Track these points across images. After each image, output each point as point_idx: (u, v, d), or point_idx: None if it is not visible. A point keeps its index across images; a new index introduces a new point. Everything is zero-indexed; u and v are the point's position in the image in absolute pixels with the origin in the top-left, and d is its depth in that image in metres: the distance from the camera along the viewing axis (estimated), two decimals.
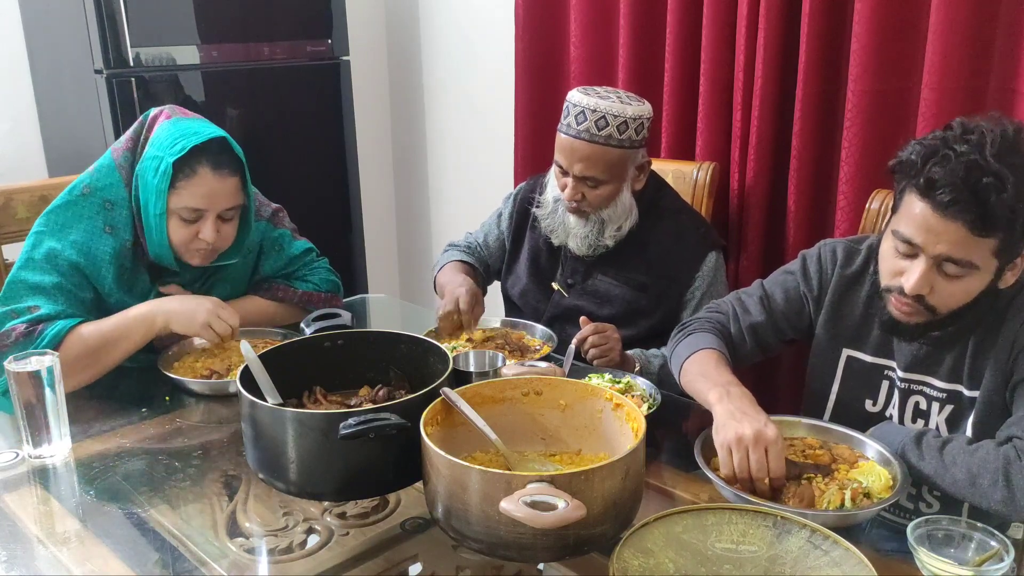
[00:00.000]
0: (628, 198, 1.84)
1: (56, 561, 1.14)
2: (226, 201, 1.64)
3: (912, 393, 1.42)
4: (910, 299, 1.29)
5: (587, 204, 1.83)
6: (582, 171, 1.79)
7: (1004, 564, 1.03)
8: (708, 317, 1.60)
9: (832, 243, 1.55)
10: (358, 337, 1.38)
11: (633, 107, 1.77)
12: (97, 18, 2.40)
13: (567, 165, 1.80)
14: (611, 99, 1.78)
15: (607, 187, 1.81)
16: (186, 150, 1.57)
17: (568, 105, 1.80)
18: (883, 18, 1.88)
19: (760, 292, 1.58)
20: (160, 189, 1.59)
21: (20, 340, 1.53)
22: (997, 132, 1.21)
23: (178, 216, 1.62)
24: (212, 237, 1.63)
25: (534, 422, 1.25)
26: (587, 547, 1.03)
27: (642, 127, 1.79)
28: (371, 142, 3.44)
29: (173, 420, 1.53)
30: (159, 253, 1.66)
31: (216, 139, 1.61)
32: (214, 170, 1.60)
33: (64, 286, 1.60)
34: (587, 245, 1.87)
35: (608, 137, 1.76)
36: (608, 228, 1.85)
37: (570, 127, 1.78)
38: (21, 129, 2.81)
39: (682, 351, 1.52)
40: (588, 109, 1.76)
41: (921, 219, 1.24)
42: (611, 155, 1.77)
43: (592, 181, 1.80)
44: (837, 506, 1.18)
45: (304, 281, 1.89)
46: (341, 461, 1.12)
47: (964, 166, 1.19)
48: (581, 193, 1.81)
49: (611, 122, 1.75)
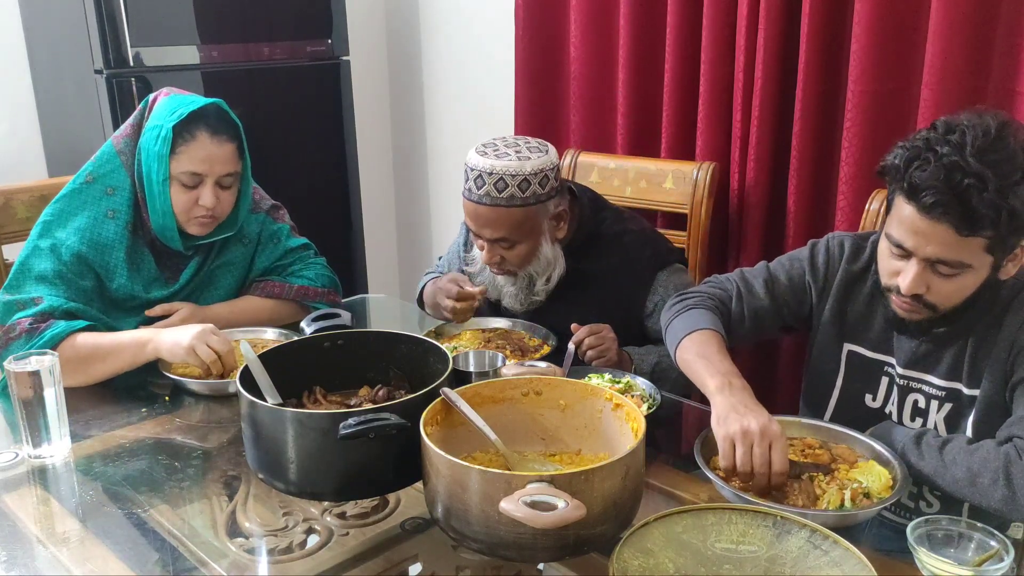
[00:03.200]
0: (550, 250, 1.76)
1: (56, 561, 1.14)
2: (224, 166, 1.70)
3: (911, 391, 1.43)
4: (908, 298, 1.30)
5: (508, 265, 1.77)
6: (492, 235, 1.71)
7: (1004, 564, 1.03)
8: (710, 292, 1.56)
9: (840, 236, 1.55)
10: (358, 337, 1.38)
11: (533, 161, 1.67)
12: (97, 18, 2.40)
13: (476, 230, 1.74)
14: (509, 156, 1.68)
15: (522, 246, 1.73)
16: (185, 115, 1.65)
17: (467, 168, 1.71)
18: (883, 18, 1.88)
19: (765, 274, 1.56)
20: (162, 154, 1.66)
21: (23, 336, 1.58)
22: (978, 130, 1.21)
23: (179, 182, 1.68)
24: (211, 202, 1.69)
25: (534, 422, 1.25)
26: (587, 547, 1.03)
27: (546, 179, 1.68)
28: (371, 142, 3.43)
29: (173, 420, 1.53)
30: (162, 224, 1.71)
31: (213, 106, 1.69)
32: (212, 135, 1.67)
33: (65, 274, 1.66)
34: (518, 302, 1.83)
35: (511, 198, 1.66)
36: (537, 282, 1.79)
37: (471, 192, 1.70)
38: (21, 129, 2.82)
39: (680, 325, 1.50)
40: (485, 172, 1.67)
41: (909, 222, 1.25)
42: (516, 215, 1.68)
43: (505, 243, 1.72)
44: (837, 506, 1.18)
45: (299, 276, 1.90)
46: (341, 461, 1.12)
47: (945, 168, 1.20)
48: (499, 256, 1.75)
49: (510, 183, 1.65)
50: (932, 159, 1.21)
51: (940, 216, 1.21)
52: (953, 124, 1.24)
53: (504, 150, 1.70)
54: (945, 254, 1.24)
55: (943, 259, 1.25)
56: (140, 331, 1.65)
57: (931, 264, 1.26)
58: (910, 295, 1.29)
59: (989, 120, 1.23)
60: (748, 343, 1.61)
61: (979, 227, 1.20)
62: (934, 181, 1.20)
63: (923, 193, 1.21)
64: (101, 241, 1.69)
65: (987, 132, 1.21)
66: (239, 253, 1.85)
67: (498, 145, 1.73)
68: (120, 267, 1.70)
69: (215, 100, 1.71)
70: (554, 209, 1.74)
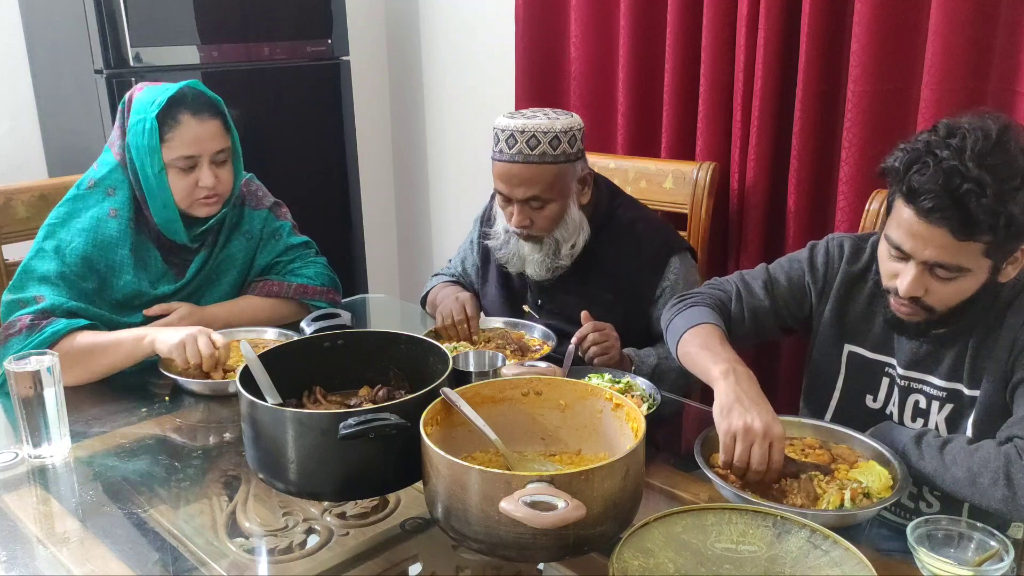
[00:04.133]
0: (576, 213, 1.80)
1: (56, 561, 1.14)
2: (213, 143, 1.72)
3: (912, 391, 1.43)
4: (907, 300, 1.30)
5: (536, 228, 1.79)
6: (524, 194, 1.74)
7: (1004, 564, 1.03)
8: (709, 293, 1.58)
9: (839, 237, 1.55)
10: (358, 337, 1.38)
11: (562, 121, 1.74)
12: (97, 18, 2.40)
13: (508, 191, 1.76)
14: (538, 117, 1.75)
15: (552, 206, 1.76)
16: (163, 104, 1.67)
17: (496, 132, 1.76)
18: (883, 18, 1.88)
19: (765, 276, 1.57)
20: (152, 146, 1.67)
21: (23, 331, 1.60)
22: (979, 134, 1.21)
23: (175, 168, 1.70)
24: (211, 181, 1.71)
25: (534, 422, 1.25)
26: (587, 547, 1.03)
27: (575, 139, 1.75)
28: (371, 142, 3.44)
29: (173, 420, 1.53)
30: (165, 217, 1.72)
31: (189, 88, 1.71)
32: (195, 115, 1.69)
33: (68, 275, 1.67)
34: (544, 268, 1.84)
35: (542, 155, 1.72)
36: (563, 247, 1.81)
37: (503, 153, 1.74)
38: (21, 129, 2.81)
39: (680, 323, 1.50)
40: (516, 131, 1.72)
41: (907, 225, 1.25)
42: (549, 172, 1.73)
43: (537, 202, 1.75)
44: (837, 506, 1.18)
45: (298, 275, 1.90)
46: (341, 461, 1.12)
47: (944, 173, 1.20)
48: (529, 218, 1.77)
49: (542, 139, 1.71)
50: (931, 163, 1.21)
51: (938, 220, 1.21)
52: (954, 127, 1.24)
53: (532, 114, 1.78)
54: (943, 258, 1.24)
55: (941, 263, 1.25)
56: (136, 328, 1.66)
57: (929, 267, 1.27)
58: (908, 297, 1.30)
59: (990, 124, 1.22)
60: (748, 344, 1.61)
61: (976, 232, 1.20)
62: (932, 185, 1.20)
63: (922, 197, 1.21)
64: (105, 239, 1.70)
65: (988, 136, 1.20)
66: (242, 247, 1.86)
67: (525, 112, 1.80)
68: (126, 264, 1.71)
69: (189, 82, 1.72)
70: (581, 171, 1.80)
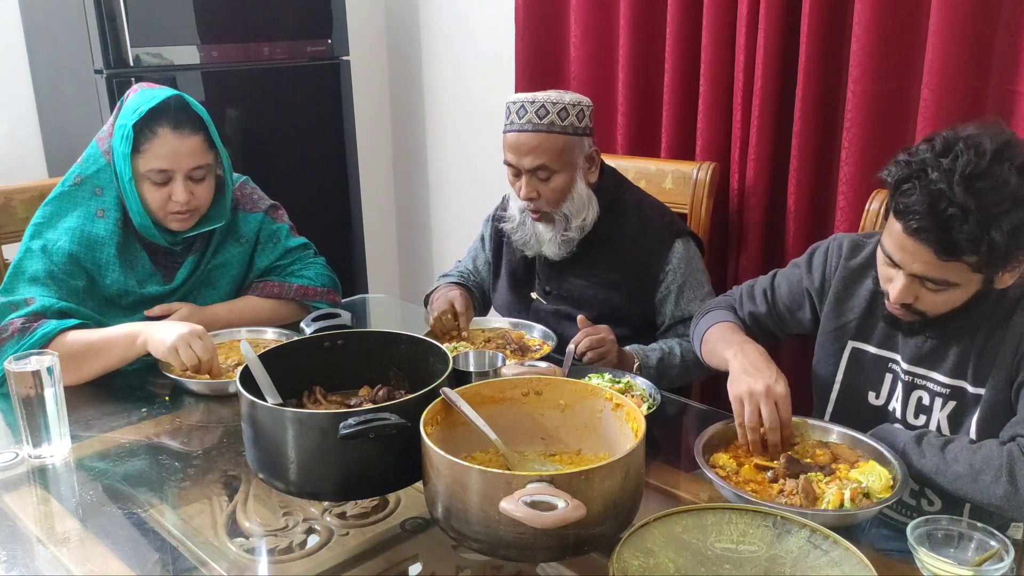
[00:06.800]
0: (585, 189, 1.84)
1: (56, 561, 1.14)
2: (191, 160, 1.68)
3: (915, 387, 1.43)
4: (898, 304, 1.32)
5: (545, 202, 1.82)
6: (532, 163, 1.78)
7: (1004, 564, 1.03)
8: (724, 300, 1.71)
9: (841, 237, 1.58)
10: (358, 337, 1.38)
11: (571, 95, 1.81)
12: (97, 18, 2.40)
13: (516, 160, 1.81)
14: (549, 92, 1.81)
15: (559, 177, 1.80)
16: (143, 113, 1.63)
17: (508, 105, 1.82)
18: (883, 18, 1.88)
19: (767, 284, 1.64)
20: (124, 153, 1.65)
21: (15, 335, 1.59)
22: (972, 155, 1.20)
23: (148, 180, 1.67)
24: (184, 197, 1.68)
25: (534, 422, 1.25)
26: (587, 547, 1.03)
27: (583, 114, 1.81)
28: (371, 142, 3.44)
29: (173, 420, 1.53)
30: (141, 223, 1.71)
31: (174, 100, 1.66)
32: (174, 130, 1.66)
33: (57, 274, 1.66)
34: (558, 245, 1.87)
35: (551, 124, 1.77)
36: (573, 222, 1.84)
37: (512, 123, 1.80)
38: (21, 129, 2.82)
39: (702, 327, 1.64)
40: (527, 102, 1.79)
41: (898, 238, 1.27)
42: (556, 142, 1.78)
43: (544, 171, 1.79)
44: (837, 506, 1.18)
45: (298, 276, 1.90)
46: (341, 461, 1.12)
47: (930, 196, 1.20)
48: (536, 190, 1.81)
49: (551, 109, 1.77)
50: (919, 185, 1.22)
51: (923, 240, 1.23)
52: (951, 143, 1.23)
53: (543, 90, 1.84)
54: (930, 272, 1.26)
55: (928, 277, 1.27)
56: (130, 325, 1.65)
57: (919, 278, 1.28)
58: (899, 304, 1.32)
59: (987, 143, 1.21)
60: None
61: (959, 254, 1.21)
62: (919, 207, 1.21)
63: (908, 217, 1.23)
64: (91, 239, 1.69)
65: (982, 156, 1.19)
66: (236, 253, 1.85)
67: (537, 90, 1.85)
68: (112, 263, 1.70)
69: (176, 93, 1.68)
70: (588, 148, 1.84)
